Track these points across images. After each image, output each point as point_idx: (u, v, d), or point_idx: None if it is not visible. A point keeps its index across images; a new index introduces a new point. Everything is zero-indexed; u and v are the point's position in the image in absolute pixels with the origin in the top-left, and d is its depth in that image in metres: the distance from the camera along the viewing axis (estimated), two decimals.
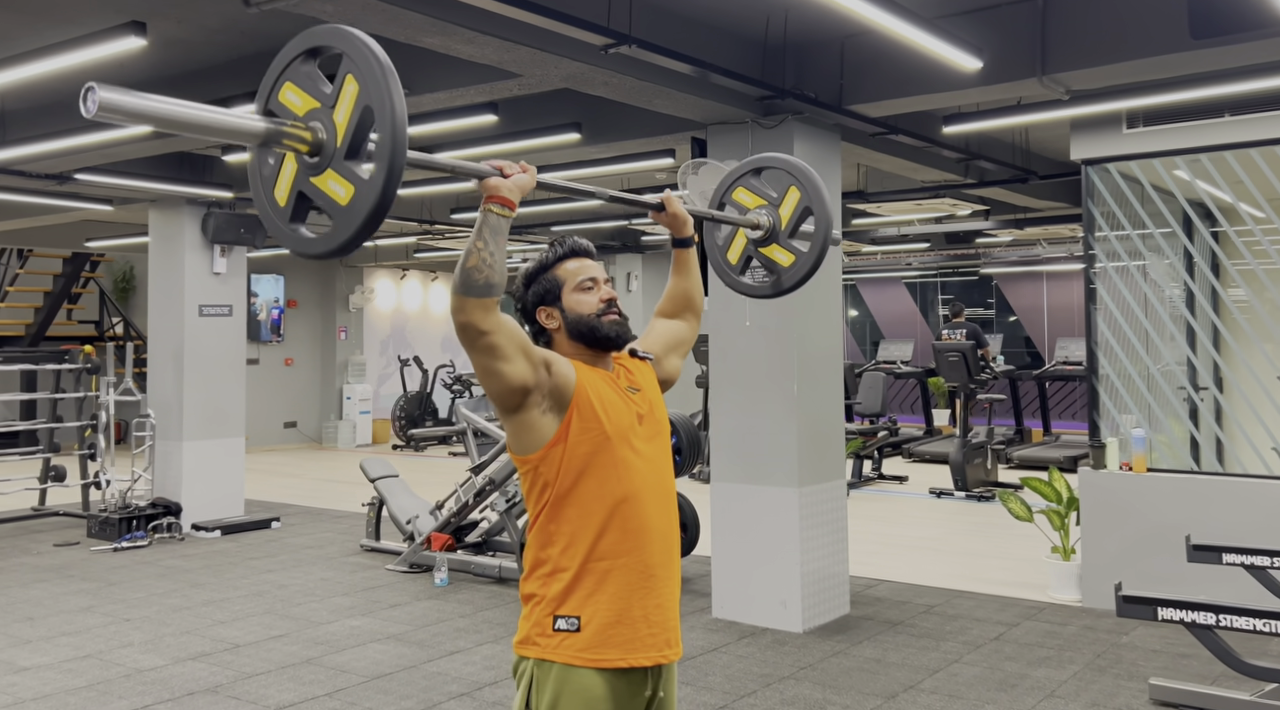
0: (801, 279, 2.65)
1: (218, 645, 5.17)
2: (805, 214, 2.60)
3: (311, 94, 1.66)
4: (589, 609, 1.96)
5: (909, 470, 11.48)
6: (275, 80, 1.70)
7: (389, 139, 1.58)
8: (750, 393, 5.42)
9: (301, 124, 1.64)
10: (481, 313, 1.84)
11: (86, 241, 11.88)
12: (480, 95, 4.75)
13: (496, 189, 1.88)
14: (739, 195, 2.71)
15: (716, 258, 2.77)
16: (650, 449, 2.07)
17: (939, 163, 6.82)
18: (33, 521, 8.80)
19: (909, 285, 16.87)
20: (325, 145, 1.63)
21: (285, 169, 1.69)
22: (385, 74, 1.59)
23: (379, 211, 1.59)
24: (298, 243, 1.72)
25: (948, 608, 5.80)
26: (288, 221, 1.72)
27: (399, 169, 1.58)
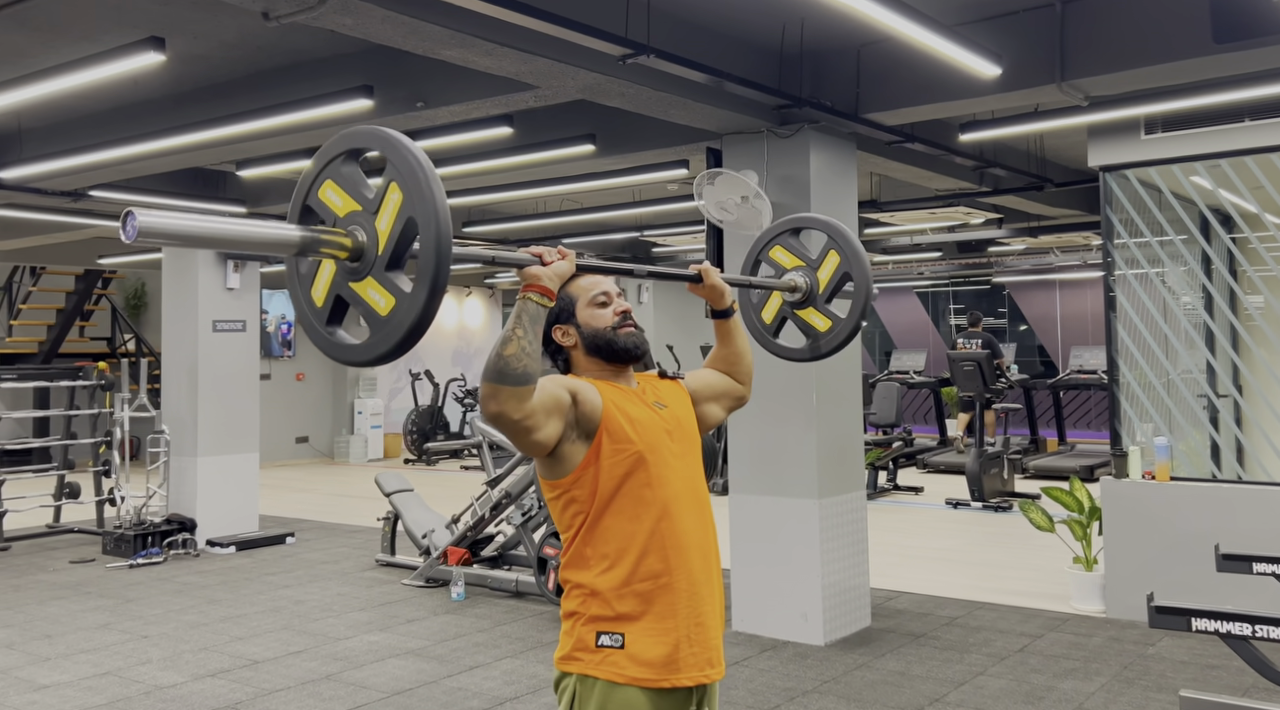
0: (839, 345, 2.59)
1: (236, 661, 5.14)
2: (844, 279, 2.55)
3: (353, 196, 1.62)
4: (633, 629, 1.94)
5: (924, 481, 11.41)
6: (315, 177, 1.66)
7: (432, 257, 1.54)
8: (769, 404, 5.39)
9: (341, 231, 1.60)
10: (516, 402, 1.80)
11: (99, 258, 11.92)
12: (496, 107, 4.74)
13: (537, 278, 1.84)
14: (776, 254, 2.66)
15: (750, 317, 2.72)
16: (683, 464, 2.05)
17: (954, 171, 6.79)
18: (48, 538, 8.79)
19: (920, 295, 16.82)
20: (366, 252, 1.59)
21: (324, 270, 1.65)
22: (431, 186, 1.55)
23: (420, 327, 1.56)
24: (335, 349, 1.66)
25: (970, 619, 5.74)
26: (324, 324, 1.67)
27: (442, 287, 1.54)
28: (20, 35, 4.74)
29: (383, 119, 4.96)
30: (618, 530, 1.95)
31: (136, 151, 5.73)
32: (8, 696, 4.66)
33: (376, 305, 1.59)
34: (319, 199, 1.66)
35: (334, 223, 1.63)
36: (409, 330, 1.56)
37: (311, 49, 4.99)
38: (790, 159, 5.21)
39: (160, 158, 5.95)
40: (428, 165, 1.57)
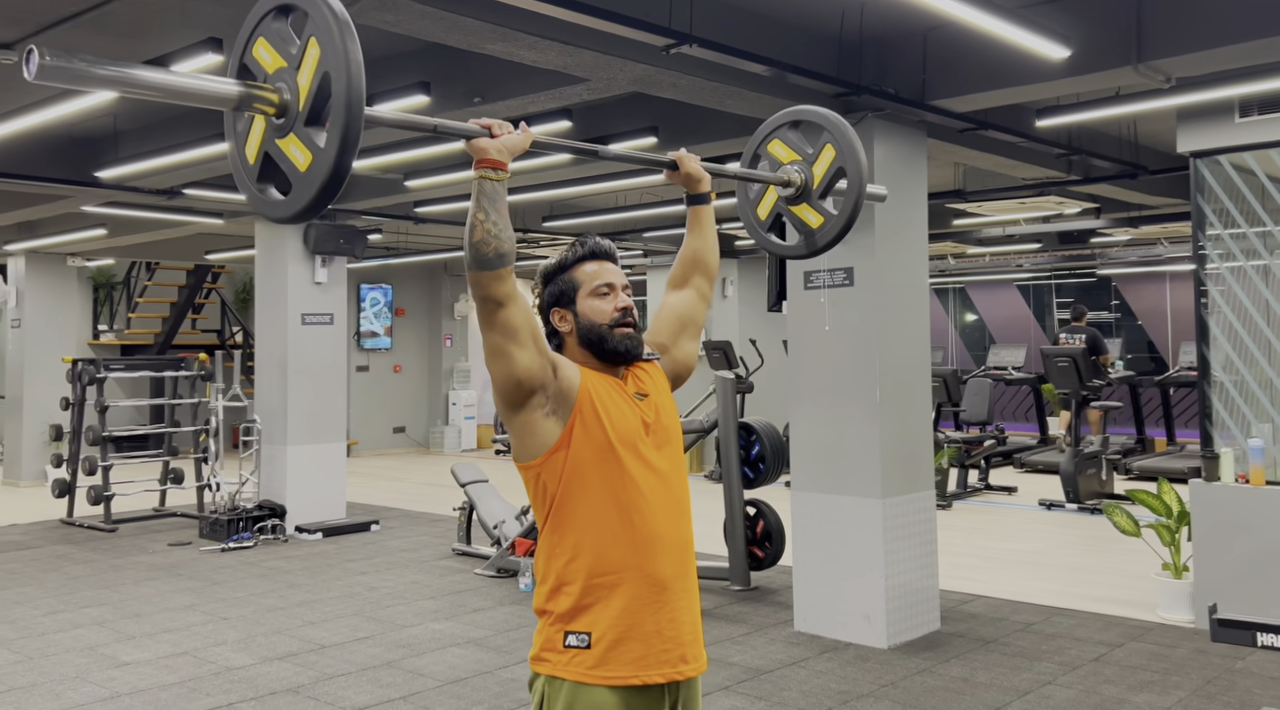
0: (830, 241, 2.53)
1: (305, 646, 5.29)
2: (839, 174, 2.47)
3: (280, 53, 1.64)
4: (599, 625, 1.90)
5: (1019, 481, 11.03)
6: (249, 36, 1.68)
7: (343, 108, 1.54)
8: (830, 400, 5.28)
9: (269, 86, 1.62)
10: (497, 284, 1.79)
11: (206, 254, 12.41)
12: (551, 101, 4.74)
13: (484, 151, 1.80)
14: (774, 147, 2.60)
15: (746, 212, 2.68)
16: (658, 457, 1.99)
17: (1038, 159, 6.53)
18: (153, 521, 9.21)
19: (1021, 288, 16.26)
20: (289, 108, 1.61)
21: (255, 127, 1.68)
22: (344, 36, 1.55)
23: (333, 181, 1.56)
24: (261, 204, 1.71)
25: (1046, 626, 5.52)
26: (255, 181, 1.70)
27: (353, 140, 1.54)
28: (103, 39, 4.95)
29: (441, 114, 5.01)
30: (584, 520, 1.92)
31: (217, 151, 5.92)
32: (91, 672, 4.89)
33: (297, 161, 1.60)
34: (252, 57, 1.68)
35: (264, 79, 1.64)
36: (322, 185, 1.56)
37: (376, 47, 5.08)
38: None
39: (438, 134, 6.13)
40: (343, 17, 1.57)
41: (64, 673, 4.88)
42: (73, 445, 9.33)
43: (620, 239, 10.76)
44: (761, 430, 6.32)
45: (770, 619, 5.67)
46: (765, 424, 6.38)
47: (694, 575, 2.04)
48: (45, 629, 5.67)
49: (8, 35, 4.90)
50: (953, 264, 14.06)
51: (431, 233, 11.24)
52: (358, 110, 1.54)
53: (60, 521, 9.21)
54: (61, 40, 4.92)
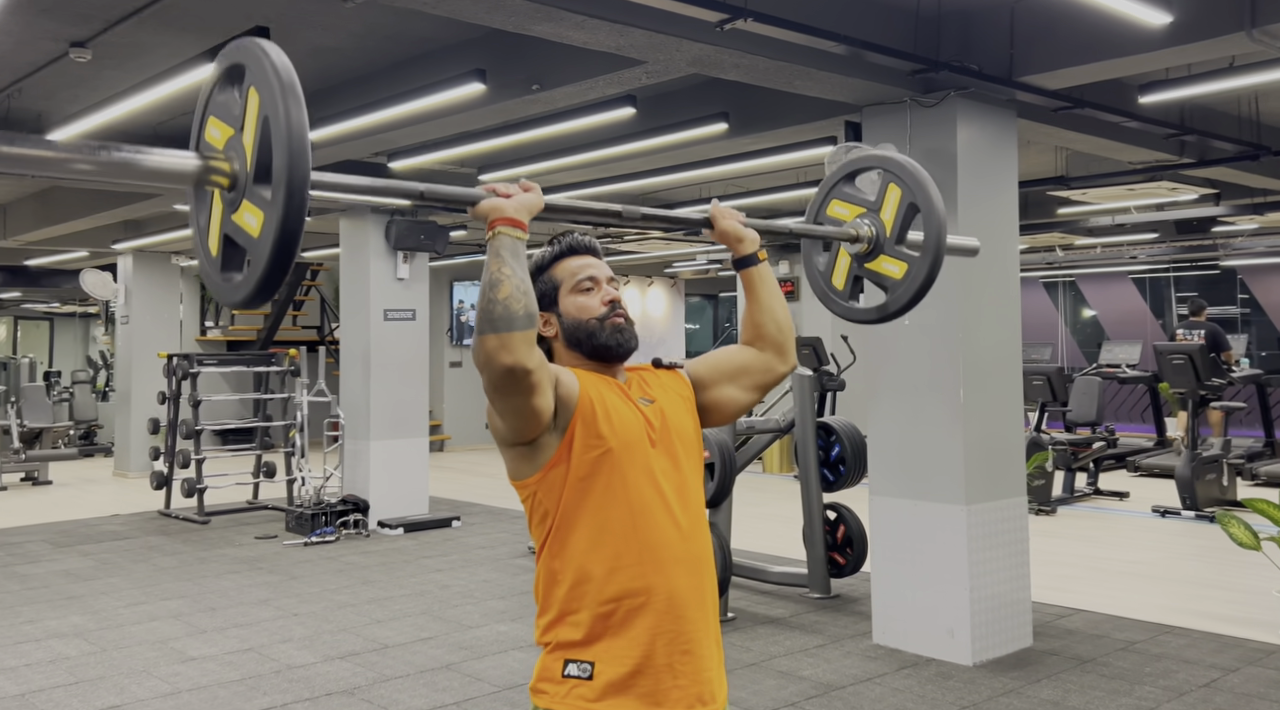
0: (918, 291, 2.18)
1: (368, 645, 5.23)
2: (911, 212, 2.16)
3: (228, 122, 1.47)
4: (605, 655, 1.69)
5: (1132, 485, 10.40)
6: (202, 117, 1.52)
7: (284, 149, 1.34)
8: (909, 400, 4.95)
9: (221, 155, 1.45)
10: (527, 348, 1.57)
11: (300, 252, 12.63)
12: (610, 86, 4.55)
13: (500, 210, 1.61)
14: (834, 209, 2.28)
15: (820, 285, 2.36)
16: (667, 464, 1.77)
17: (1145, 140, 6.04)
18: (245, 514, 9.38)
19: (1137, 281, 15.39)
20: (239, 175, 1.43)
21: (214, 211, 1.50)
22: (278, 75, 1.36)
23: (284, 241, 1.35)
24: (223, 291, 1.50)
25: (1152, 645, 5.09)
26: (220, 271, 1.51)
27: (299, 185, 1.33)
28: (167, 34, 4.97)
29: (500, 104, 4.88)
30: (588, 539, 1.71)
31: None
32: (158, 666, 4.92)
33: (250, 228, 1.41)
34: (207, 141, 1.52)
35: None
36: (274, 246, 1.36)
37: (437, 36, 4.98)
38: (936, 130, 4.74)
39: (316, 151, 6.13)
40: (276, 56, 1.39)
41: (132, 666, 4.92)
42: (169, 439, 9.57)
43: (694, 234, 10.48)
44: (841, 430, 6.01)
45: (848, 630, 5.38)
46: (846, 424, 6.07)
47: (714, 600, 1.80)
48: (124, 621, 5.75)
49: (81, 33, 4.95)
50: (1061, 256, 13.36)
51: None
52: (300, 147, 1.34)
53: (158, 513, 9.46)
54: (129, 36, 4.96)
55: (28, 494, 11.10)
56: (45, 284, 16.30)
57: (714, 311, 21.44)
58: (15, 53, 5.27)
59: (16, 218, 10.27)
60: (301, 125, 1.36)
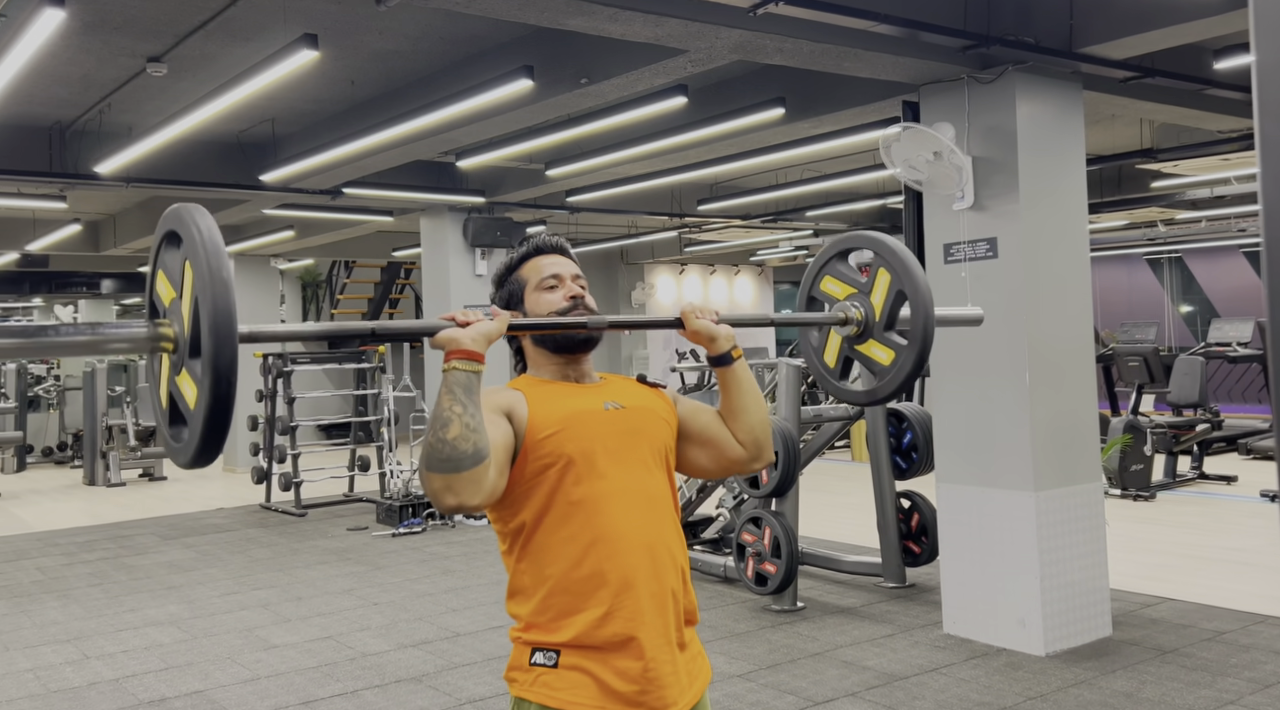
0: (906, 379, 2.12)
1: (441, 633, 5.36)
2: (900, 298, 2.11)
3: (173, 283, 1.49)
4: (568, 645, 1.71)
5: (1242, 469, 9.91)
6: (153, 270, 1.55)
7: (209, 336, 1.35)
8: (973, 383, 4.83)
9: (166, 321, 1.48)
10: (474, 488, 1.57)
11: (392, 251, 12.97)
12: (657, 77, 4.54)
13: (455, 342, 1.60)
14: (826, 285, 2.24)
15: (814, 363, 2.33)
16: (624, 468, 1.77)
17: (1230, 107, 5.74)
18: (340, 507, 9.70)
19: (1249, 254, 14.62)
20: (178, 340, 1.46)
21: (163, 368, 1.53)
22: (205, 253, 1.37)
23: (214, 417, 1.37)
24: (170, 448, 1.52)
25: (1242, 636, 4.87)
26: (168, 425, 1.53)
27: (224, 370, 1.35)
28: (231, 45, 5.17)
29: (550, 100, 4.92)
30: (544, 540, 1.73)
31: (360, 147, 6.09)
32: (242, 653, 5.14)
33: (188, 397, 1.44)
34: (156, 292, 1.55)
35: (163, 314, 1.51)
36: (204, 425, 1.38)
37: (489, 35, 5.06)
38: (994, 107, 4.61)
39: (384, 152, 6.30)
40: (207, 232, 1.40)
41: (218, 653, 5.15)
42: (266, 435, 9.95)
43: (785, 218, 10.41)
44: (913, 417, 5.90)
45: (919, 620, 5.29)
46: (918, 410, 5.95)
47: (676, 597, 1.79)
48: (216, 609, 6.02)
49: (155, 49, 5.19)
50: (1164, 231, 12.79)
51: (597, 222, 11.27)
52: (225, 337, 1.35)
53: (259, 506, 9.86)
54: (198, 49, 5.18)
55: (143, 489, 11.70)
56: None
57: None
58: (99, 70, 5.55)
59: (125, 227, 10.81)
60: (227, 316, 1.36)
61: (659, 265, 15.89)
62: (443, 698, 4.40)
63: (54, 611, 6.09)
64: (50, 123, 6.79)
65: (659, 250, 14.52)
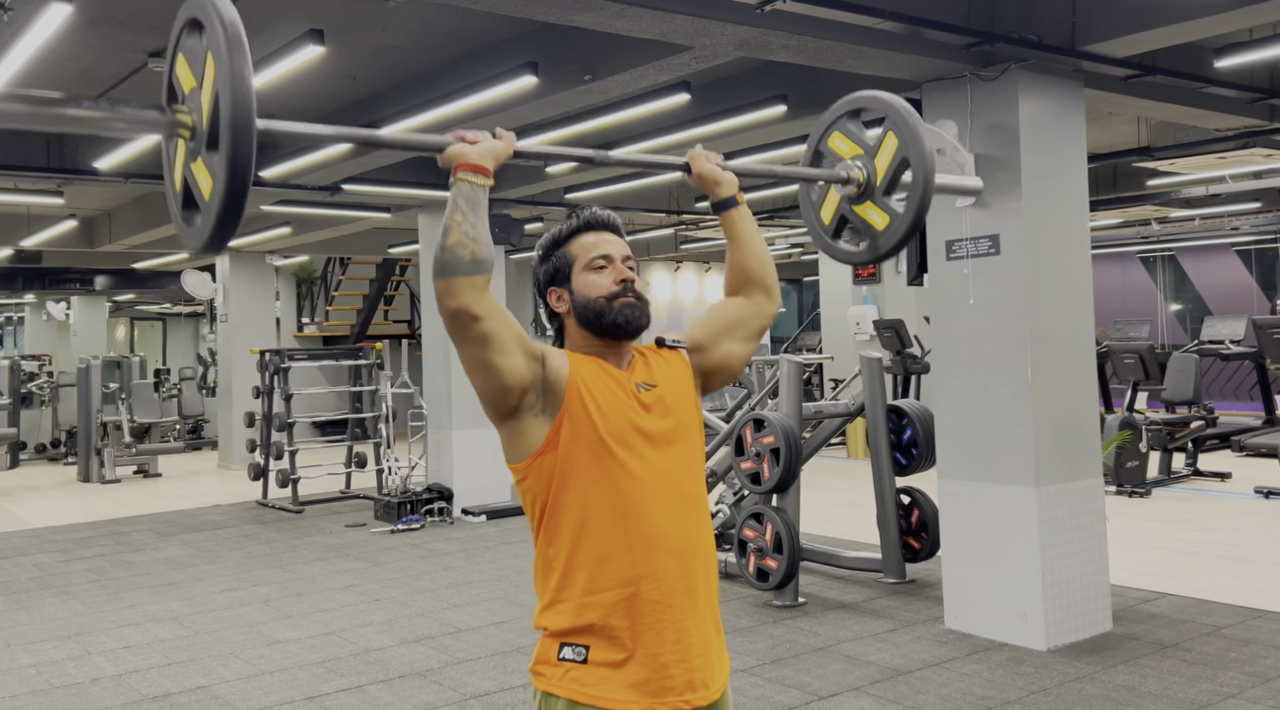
0: (897, 244, 2.20)
1: (444, 629, 5.37)
2: (904, 165, 2.15)
3: (193, 70, 1.54)
4: (598, 642, 1.72)
5: (1235, 466, 9.97)
6: (173, 53, 1.60)
7: (229, 125, 1.40)
8: (976, 379, 4.86)
9: (184, 108, 1.53)
10: (473, 294, 1.63)
11: (389, 248, 12.95)
12: (662, 73, 4.56)
13: (463, 156, 1.67)
14: (834, 142, 2.29)
15: (810, 217, 2.38)
16: (661, 455, 1.78)
17: (1229, 106, 5.77)
18: (337, 503, 9.69)
19: (1241, 253, 14.70)
20: (196, 129, 1.51)
21: (178, 152, 1.59)
22: (229, 49, 1.42)
23: (228, 209, 1.44)
24: (183, 232, 1.60)
25: (1240, 630, 4.91)
26: (180, 208, 1.60)
27: (242, 162, 1.41)
28: None
29: (554, 96, 4.93)
30: (576, 528, 1.73)
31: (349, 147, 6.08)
32: (244, 649, 5.14)
33: (204, 188, 1.51)
34: (175, 76, 1.60)
35: (183, 100, 1.56)
36: (218, 213, 1.45)
37: (492, 31, 5.06)
38: (997, 105, 4.63)
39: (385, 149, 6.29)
40: (231, 27, 1.44)
41: (221, 649, 5.15)
42: (263, 432, 9.93)
43: (781, 216, 10.42)
44: (913, 413, 5.92)
45: (920, 615, 5.31)
46: (918, 407, 5.98)
47: (708, 588, 1.81)
48: (216, 605, 6.01)
49: (157, 44, 5.18)
50: (1158, 230, 12.86)
51: None
52: (244, 130, 1.41)
53: (256, 503, 9.84)
54: None
55: (138, 486, 11.67)
56: (154, 286, 17.05)
57: (799, 296, 21.24)
58: (99, 65, 5.53)
59: (120, 223, 10.77)
60: (247, 109, 1.41)
61: (654, 262, 15.90)
62: (448, 693, 4.41)
63: (53, 608, 6.08)
64: None
65: (654, 247, 14.53)
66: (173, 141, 1.60)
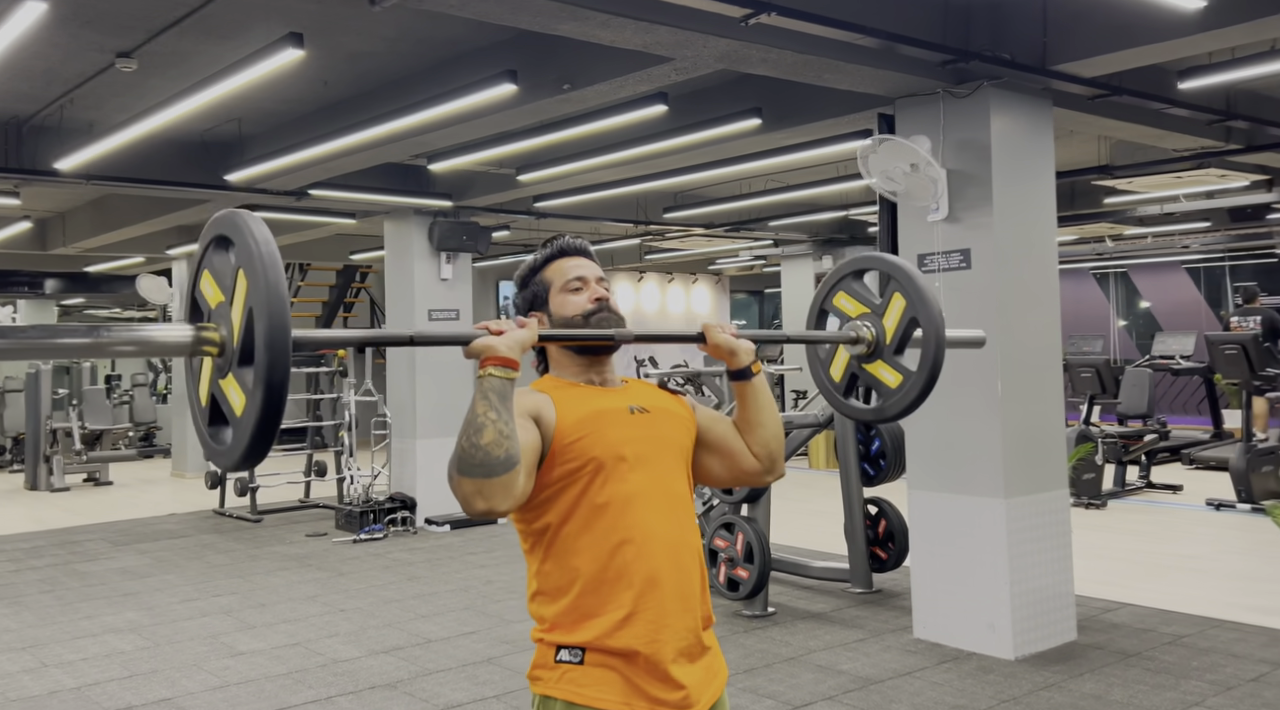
0: (910, 405, 2.15)
1: (412, 639, 5.31)
2: (913, 325, 2.16)
3: (221, 286, 1.51)
4: (594, 643, 1.73)
5: (1186, 478, 10.20)
6: (198, 269, 1.56)
7: (264, 348, 1.37)
8: (947, 392, 4.88)
9: (212, 325, 1.50)
10: (505, 493, 1.59)
11: (350, 254, 12.83)
12: (641, 84, 4.57)
13: (491, 349, 1.62)
14: (840, 301, 2.29)
15: (819, 375, 2.38)
16: (649, 472, 1.80)
17: (1188, 127, 5.93)
18: (296, 512, 9.56)
19: (1190, 270, 15.06)
20: (226, 344, 1.47)
21: (205, 368, 1.55)
22: (264, 268, 1.39)
23: (262, 428, 1.39)
24: (209, 447, 1.54)
25: (1200, 639, 5.01)
26: (207, 424, 1.55)
27: (278, 382, 1.37)
28: (207, 42, 5.09)
29: (533, 104, 4.93)
30: (569, 542, 1.76)
31: (330, 148, 6.03)
32: (208, 660, 5.04)
33: (234, 405, 1.46)
34: (200, 291, 1.55)
35: (208, 317, 1.53)
36: (253, 432, 1.40)
37: (469, 38, 5.04)
38: (969, 121, 4.71)
39: (355, 154, 6.25)
40: (264, 244, 1.42)
41: (183, 660, 5.05)
42: None
43: (746, 228, 10.50)
44: (883, 426, 5.98)
45: (889, 625, 5.36)
46: None
47: (698, 589, 1.83)
48: (177, 616, 5.90)
49: (125, 44, 5.10)
50: (1112, 247, 13.13)
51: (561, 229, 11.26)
52: (280, 351, 1.37)
53: (213, 512, 9.68)
54: (171, 46, 5.09)
55: (89, 494, 11.42)
56: (105, 290, 16.72)
57: (760, 308, 21.37)
58: (65, 64, 5.43)
59: (75, 225, 10.56)
60: (284, 330, 1.38)
61: (618, 272, 15.91)
62: (420, 704, 4.36)
63: (5, 619, 5.92)
64: (7, 117, 6.64)
65: (619, 257, 14.54)
66: (198, 358, 1.56)
